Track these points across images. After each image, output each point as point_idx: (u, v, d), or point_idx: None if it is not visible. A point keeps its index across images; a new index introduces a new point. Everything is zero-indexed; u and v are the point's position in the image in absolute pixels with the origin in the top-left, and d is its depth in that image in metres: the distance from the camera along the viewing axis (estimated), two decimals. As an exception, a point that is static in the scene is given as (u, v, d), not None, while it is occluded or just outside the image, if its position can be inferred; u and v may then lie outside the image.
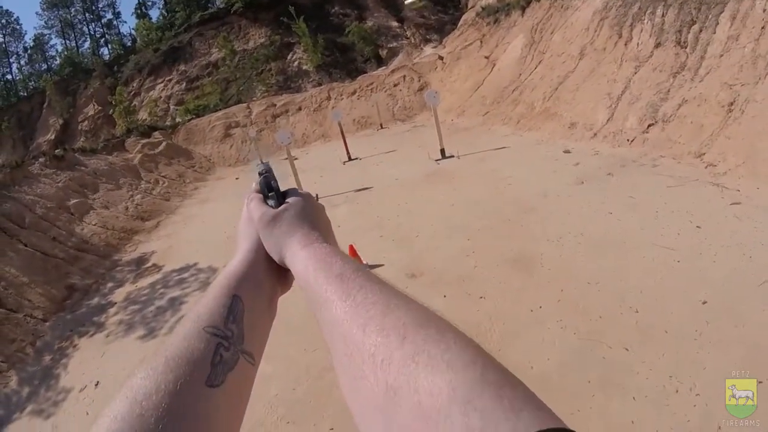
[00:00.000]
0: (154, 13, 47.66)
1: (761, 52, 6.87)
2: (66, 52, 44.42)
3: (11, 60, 46.55)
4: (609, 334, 3.86)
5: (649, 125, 8.28)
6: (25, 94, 42.78)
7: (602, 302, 4.30)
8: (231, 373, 0.54)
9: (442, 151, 10.76)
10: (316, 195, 9.55)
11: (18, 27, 47.24)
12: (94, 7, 47.89)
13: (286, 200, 0.73)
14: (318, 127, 20.46)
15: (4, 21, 46.39)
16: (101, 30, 48.55)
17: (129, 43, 45.29)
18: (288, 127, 20.01)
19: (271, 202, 0.74)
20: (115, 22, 49.45)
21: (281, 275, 0.71)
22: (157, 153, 18.13)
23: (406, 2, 21.80)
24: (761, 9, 7.16)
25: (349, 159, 13.61)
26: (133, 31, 45.49)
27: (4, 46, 46.15)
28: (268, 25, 31.06)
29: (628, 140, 8.51)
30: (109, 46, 47.51)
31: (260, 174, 0.78)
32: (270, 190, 0.75)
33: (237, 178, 16.26)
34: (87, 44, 47.58)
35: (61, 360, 6.27)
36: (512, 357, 3.82)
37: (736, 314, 3.72)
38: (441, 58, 20.89)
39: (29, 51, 47.05)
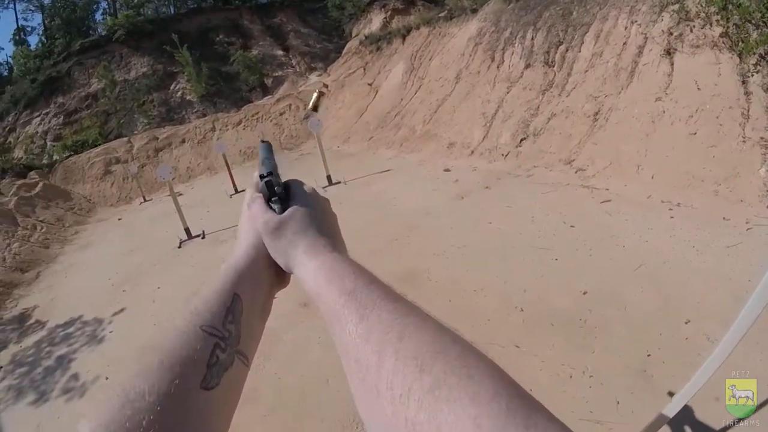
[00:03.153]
0: (34, 40, 43.33)
1: (623, 65, 7.40)
2: (-62, 82, 39.38)
3: None
4: (499, 335, 3.95)
5: (522, 139, 8.60)
6: None
7: (489, 306, 4.40)
8: (225, 375, 0.52)
9: (329, 177, 10.55)
10: (203, 232, 9.33)
11: None
12: (-31, 32, 43.18)
13: (290, 203, 0.70)
14: (203, 159, 19.39)
15: None
16: (-24, 58, 43.71)
17: (5, 73, 40.96)
18: (171, 161, 18.76)
19: (274, 206, 0.70)
20: (-10, 49, 44.64)
21: (279, 273, 0.69)
22: (33, 195, 16.09)
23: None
24: (623, 27, 7.76)
25: (236, 192, 12.95)
26: (10, 60, 41.35)
27: None
28: (150, 53, 29.45)
29: (502, 155, 8.79)
30: (-15, 75, 42.77)
31: (262, 177, 0.74)
32: (273, 194, 0.71)
33: (120, 219, 14.92)
34: (-39, 73, 42.52)
35: (-49, 436, 5.42)
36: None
37: (617, 299, 3.95)
38: (326, 85, 20.90)
39: None
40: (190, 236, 9.39)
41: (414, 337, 0.40)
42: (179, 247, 9.11)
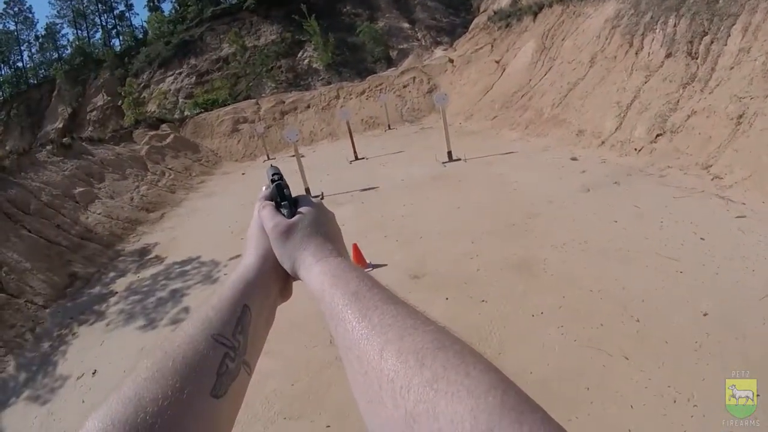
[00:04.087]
0: (167, 7, 47.79)
1: (772, 65, 6.80)
2: (77, 42, 44.54)
3: (22, 48, 46.81)
4: (609, 342, 3.85)
5: (658, 135, 8.22)
6: (35, 82, 42.86)
7: (604, 310, 4.29)
8: (232, 384, 0.54)
9: (450, 153, 10.72)
10: (321, 194, 9.62)
11: (30, 15, 47.39)
12: (106, -1, 48.00)
13: (299, 209, 0.73)
14: (326, 125, 20.37)
15: (16, 9, 46.58)
16: (113, 21, 48.74)
17: (140, 36, 45.34)
18: (296, 125, 19.90)
19: (284, 210, 0.73)
20: (127, 14, 49.60)
21: (285, 286, 0.72)
22: (164, 145, 18.15)
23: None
24: (773, 22, 7.09)
25: (356, 158, 13.58)
26: (144, 24, 45.73)
27: (15, 34, 46.29)
28: (279, 22, 31.17)
29: (635, 149, 8.45)
30: (121, 37, 47.71)
31: (272, 181, 0.78)
32: (283, 198, 0.75)
33: (243, 174, 16.24)
34: (98, 35, 47.82)
35: (60, 347, 6.26)
36: (512, 361, 3.80)
37: (737, 327, 3.71)
38: (451, 60, 20.79)
39: (40, 39, 47.22)
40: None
41: (415, 336, 0.42)
42: (298, 205, 9.90)
